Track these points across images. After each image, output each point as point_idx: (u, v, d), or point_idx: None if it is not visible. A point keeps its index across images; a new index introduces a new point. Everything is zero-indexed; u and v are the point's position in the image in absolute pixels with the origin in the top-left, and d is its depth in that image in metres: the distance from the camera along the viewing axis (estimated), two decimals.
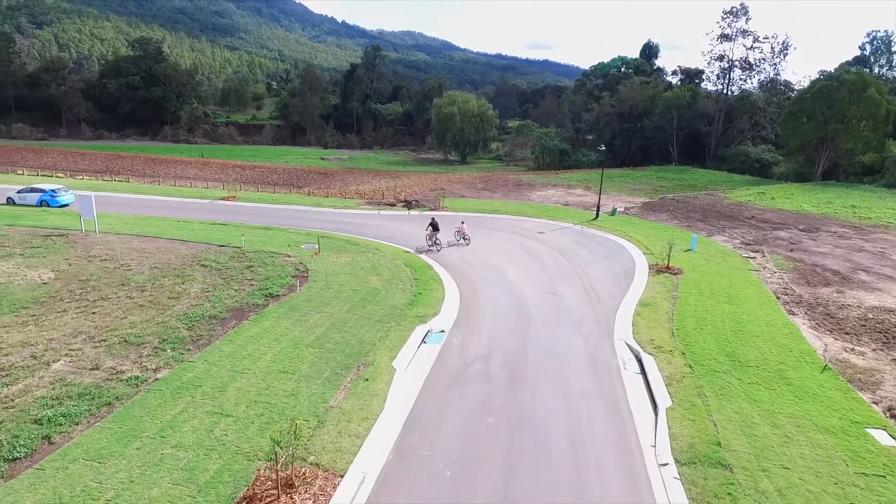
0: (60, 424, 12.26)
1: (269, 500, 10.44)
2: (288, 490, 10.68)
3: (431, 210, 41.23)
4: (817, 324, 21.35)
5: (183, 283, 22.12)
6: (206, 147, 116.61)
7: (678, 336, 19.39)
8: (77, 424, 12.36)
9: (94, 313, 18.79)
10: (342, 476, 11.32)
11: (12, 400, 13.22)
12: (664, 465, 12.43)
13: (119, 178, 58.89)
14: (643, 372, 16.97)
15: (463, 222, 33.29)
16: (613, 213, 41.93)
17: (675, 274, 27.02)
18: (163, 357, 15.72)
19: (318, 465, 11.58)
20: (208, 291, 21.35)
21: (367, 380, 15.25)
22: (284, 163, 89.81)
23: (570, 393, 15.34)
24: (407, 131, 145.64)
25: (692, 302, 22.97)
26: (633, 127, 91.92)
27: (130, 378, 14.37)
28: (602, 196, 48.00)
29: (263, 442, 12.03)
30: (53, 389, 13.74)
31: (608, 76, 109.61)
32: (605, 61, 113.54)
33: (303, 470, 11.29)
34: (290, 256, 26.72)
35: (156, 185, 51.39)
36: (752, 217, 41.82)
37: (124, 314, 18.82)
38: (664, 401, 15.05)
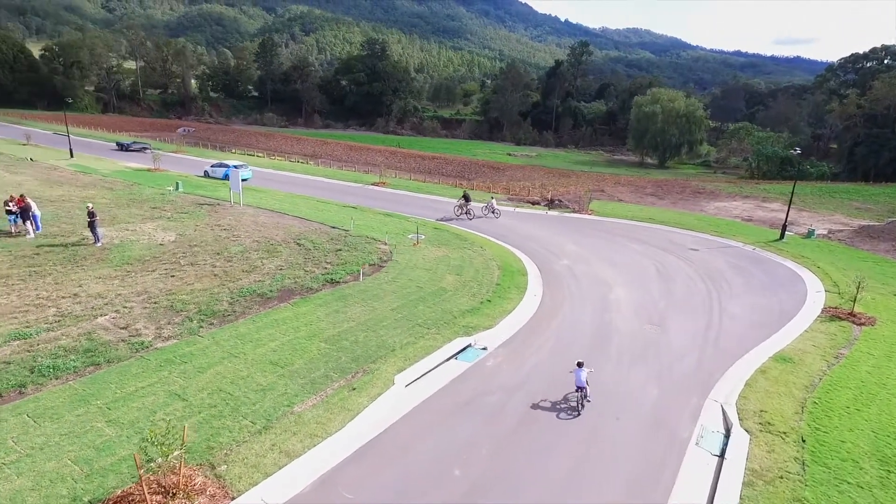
0: (44, 376, 12.71)
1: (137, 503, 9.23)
2: (163, 498, 9.34)
3: (573, 211, 37.12)
4: None
5: (266, 258, 22.61)
6: (408, 138, 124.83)
7: (810, 413, 13.57)
8: (56, 379, 12.71)
9: (172, 276, 20.00)
10: (233, 499, 9.62)
11: (38, 345, 14.23)
12: None
13: (302, 159, 65.34)
14: (723, 455, 12.05)
15: (493, 198, 36.91)
16: (809, 235, 32.89)
17: (861, 324, 19.63)
18: (184, 327, 15.78)
19: (221, 477, 10.06)
20: (281, 269, 21.42)
21: (353, 389, 13.31)
22: (470, 156, 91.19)
23: (587, 466, 11.40)
24: (607, 131, 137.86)
25: (864, 367, 16.20)
26: (887, 133, 72.79)
27: (136, 343, 14.58)
28: (805, 213, 38.60)
29: (192, 435, 10.96)
30: (74, 341, 14.51)
31: (861, 70, 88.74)
32: (861, 52, 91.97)
33: (196, 480, 9.87)
34: (385, 244, 25.86)
35: (326, 168, 55.69)
36: None
37: (195, 280, 19.67)
38: None
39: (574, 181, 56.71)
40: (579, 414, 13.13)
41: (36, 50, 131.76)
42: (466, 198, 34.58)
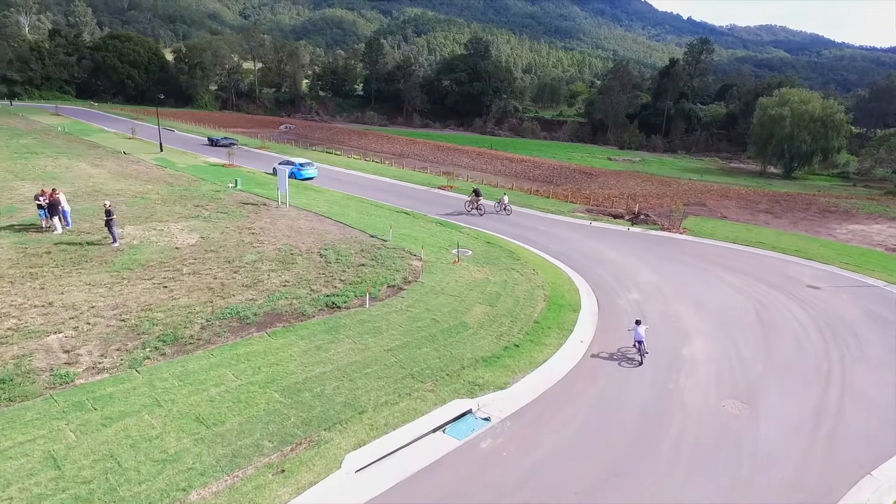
0: None
1: None
2: None
3: (662, 229, 31.29)
4: None
5: (276, 271, 19.95)
6: (504, 139, 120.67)
7: None
8: None
9: (165, 287, 17.86)
10: None
11: None
12: None
13: (387, 157, 63.42)
14: None
15: (505, 195, 35.62)
16: None
17: None
18: (130, 357, 13.27)
19: None
20: (285, 285, 18.63)
21: (282, 471, 9.96)
22: (565, 160, 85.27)
23: None
24: (726, 136, 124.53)
25: None
26: None
27: (61, 375, 12.20)
28: None
29: None
30: (1, 367, 12.46)
31: None
32: None
33: None
34: (419, 260, 22.36)
35: (399, 169, 52.86)
36: None
37: (185, 294, 17.37)
38: None
39: (674, 190, 49.73)
40: (641, 363, 15.09)
41: (169, 53, 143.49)
42: (477, 193, 34.20)
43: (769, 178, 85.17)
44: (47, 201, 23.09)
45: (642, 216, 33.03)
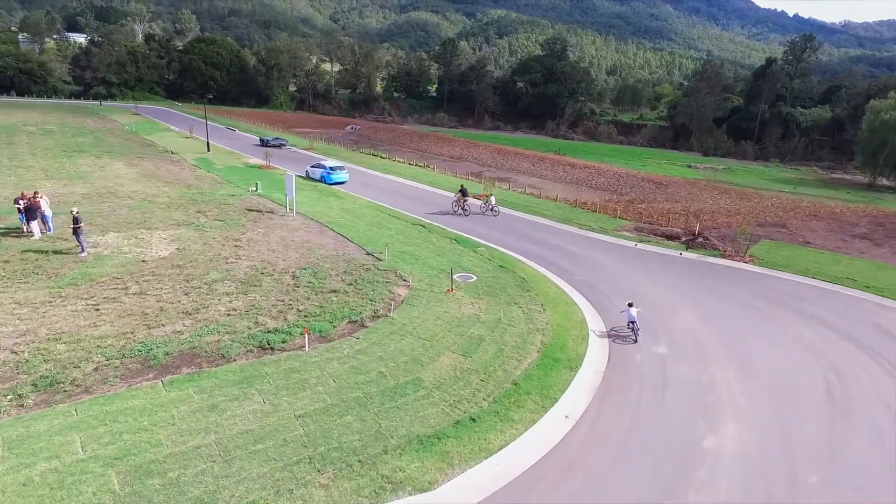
0: None
1: None
2: None
3: (723, 255, 25.94)
4: None
5: (231, 295, 17.36)
6: (575, 143, 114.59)
7: None
8: None
9: (96, 310, 15.70)
10: None
11: None
12: None
13: (446, 160, 60.37)
14: None
15: (492, 195, 34.21)
16: None
17: None
18: None
19: None
20: (230, 315, 15.95)
21: None
22: (637, 167, 78.80)
23: None
24: (829, 143, 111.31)
25: None
26: None
27: None
28: None
29: None
30: None
31: None
32: None
33: None
34: (407, 287, 19.04)
35: (439, 174, 48.94)
36: None
37: (111, 320, 15.11)
38: None
39: (752, 206, 42.99)
40: (636, 341, 16.23)
41: (251, 55, 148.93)
42: (464, 192, 32.90)
43: (878, 192, 74.45)
44: (26, 205, 21.95)
45: (700, 238, 27.76)
